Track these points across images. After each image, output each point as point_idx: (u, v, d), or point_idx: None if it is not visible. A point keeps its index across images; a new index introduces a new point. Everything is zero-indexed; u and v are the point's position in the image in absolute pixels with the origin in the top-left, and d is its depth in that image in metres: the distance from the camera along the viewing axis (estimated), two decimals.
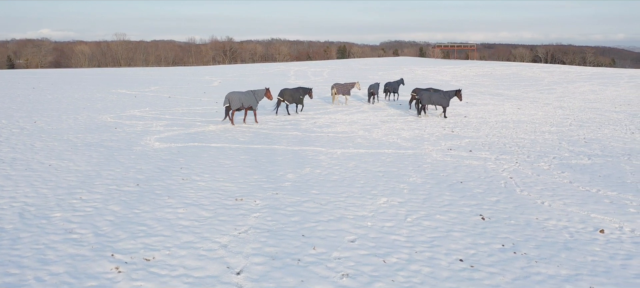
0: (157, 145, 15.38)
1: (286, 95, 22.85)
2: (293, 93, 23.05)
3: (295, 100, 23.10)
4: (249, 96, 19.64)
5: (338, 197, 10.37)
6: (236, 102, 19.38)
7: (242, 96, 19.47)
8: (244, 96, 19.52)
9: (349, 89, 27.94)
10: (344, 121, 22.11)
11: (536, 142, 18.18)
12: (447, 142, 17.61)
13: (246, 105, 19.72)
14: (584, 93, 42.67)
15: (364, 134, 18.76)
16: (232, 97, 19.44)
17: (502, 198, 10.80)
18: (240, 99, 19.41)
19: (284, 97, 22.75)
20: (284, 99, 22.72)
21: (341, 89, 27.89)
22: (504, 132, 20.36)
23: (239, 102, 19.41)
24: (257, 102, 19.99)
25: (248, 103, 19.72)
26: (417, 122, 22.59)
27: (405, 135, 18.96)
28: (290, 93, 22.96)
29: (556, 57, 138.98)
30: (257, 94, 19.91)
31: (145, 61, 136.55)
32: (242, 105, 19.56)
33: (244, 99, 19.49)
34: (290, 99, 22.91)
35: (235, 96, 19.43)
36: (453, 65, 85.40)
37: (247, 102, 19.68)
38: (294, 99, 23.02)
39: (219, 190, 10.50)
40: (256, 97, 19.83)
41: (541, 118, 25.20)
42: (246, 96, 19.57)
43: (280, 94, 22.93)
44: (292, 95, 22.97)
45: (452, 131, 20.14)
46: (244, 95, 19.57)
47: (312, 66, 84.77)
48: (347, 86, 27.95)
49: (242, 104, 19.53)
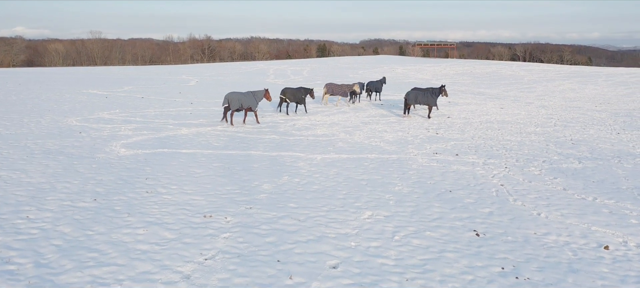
0: (123, 152, 14.20)
1: (288, 94, 22.69)
2: (295, 92, 22.87)
3: (297, 100, 22.94)
4: (249, 97, 19.35)
5: (318, 211, 9.44)
6: (235, 102, 19.06)
7: (241, 97, 19.17)
8: (244, 97, 19.22)
9: (346, 91, 26.60)
10: (324, 123, 21.18)
11: (523, 144, 17.54)
12: (432, 145, 16.84)
13: (245, 106, 19.39)
14: (563, 91, 42.86)
15: (345, 137, 17.87)
16: (232, 97, 19.10)
17: (495, 210, 10.01)
18: (239, 99, 19.11)
19: (286, 96, 22.61)
20: (285, 97, 22.60)
21: (335, 90, 26.54)
22: (489, 133, 19.71)
23: (238, 103, 19.11)
24: (257, 103, 19.65)
25: (247, 103, 19.39)
26: (400, 123, 21.81)
27: (388, 137, 18.13)
28: (292, 92, 22.80)
29: (534, 56, 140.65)
30: (257, 95, 19.59)
31: (121, 60, 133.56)
32: (242, 106, 19.28)
33: (243, 99, 19.19)
34: (292, 97, 22.74)
35: (235, 96, 19.10)
36: (433, 64, 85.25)
37: (247, 103, 19.35)
38: (296, 98, 22.87)
39: (186, 205, 9.46)
40: (256, 97, 19.52)
41: (525, 118, 24.70)
42: (246, 97, 19.27)
43: (282, 92, 22.82)
44: (294, 95, 22.80)
45: (437, 133, 19.41)
46: (243, 95, 19.26)
47: (292, 65, 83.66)
48: (342, 88, 26.62)
49: (242, 104, 19.24)
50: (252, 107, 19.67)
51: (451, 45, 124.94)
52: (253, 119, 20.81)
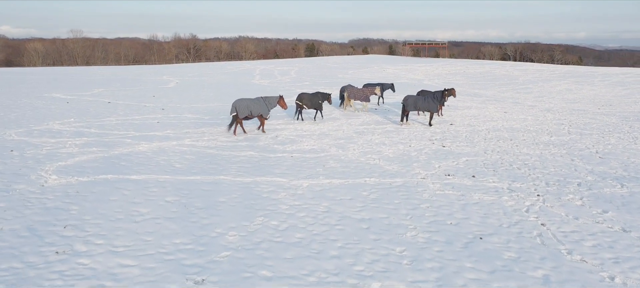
0: (52, 180, 11.09)
1: (304, 99, 21.12)
2: (311, 98, 21.26)
3: (314, 106, 21.25)
4: (259, 103, 17.72)
5: (302, 283, 6.50)
6: (244, 110, 17.37)
7: (250, 103, 17.49)
8: (253, 103, 17.56)
9: (367, 95, 24.16)
10: (312, 134, 18.23)
11: (545, 160, 14.81)
12: (440, 163, 14.01)
13: (255, 114, 17.68)
14: (561, 92, 41.08)
15: (337, 153, 14.95)
16: (240, 104, 17.37)
17: (550, 271, 7.16)
18: (248, 106, 17.44)
19: (302, 101, 21.08)
20: (302, 103, 21.06)
21: (357, 94, 24.16)
22: (502, 145, 16.95)
23: (247, 110, 17.43)
24: (269, 110, 17.95)
25: (257, 111, 17.65)
26: (399, 132, 18.95)
27: (388, 152, 15.27)
28: (309, 97, 21.23)
29: (525, 55, 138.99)
30: (269, 101, 17.96)
31: (104, 59, 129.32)
32: (251, 114, 17.60)
33: (252, 106, 17.52)
34: (309, 103, 21.13)
35: (243, 104, 17.39)
36: (425, 64, 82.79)
37: (257, 110, 17.62)
38: (313, 104, 21.19)
39: (108, 278, 6.45)
40: (267, 104, 17.89)
41: (534, 124, 22.09)
42: (255, 103, 17.61)
43: (298, 98, 21.27)
44: (311, 100, 21.20)
45: (443, 146, 16.59)
46: (252, 102, 17.58)
47: (279, 65, 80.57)
48: (364, 91, 24.19)
49: (251, 111, 17.54)
50: (263, 114, 17.82)
51: (442, 45, 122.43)
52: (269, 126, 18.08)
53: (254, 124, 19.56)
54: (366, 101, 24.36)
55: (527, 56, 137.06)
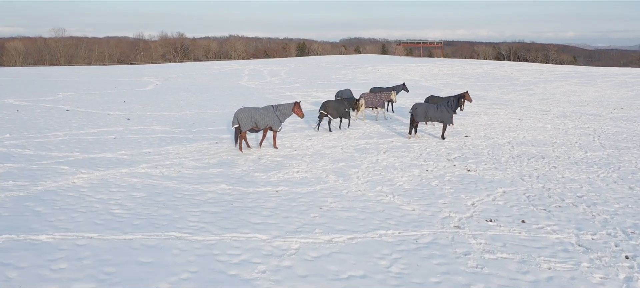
0: None
1: (329, 108, 18.61)
2: (337, 106, 18.82)
3: (340, 114, 18.84)
4: (268, 113, 14.79)
5: None
6: (247, 121, 14.45)
7: (256, 114, 14.59)
8: (260, 114, 14.65)
9: (384, 101, 21.57)
10: (304, 154, 14.71)
11: (600, 190, 11.60)
12: (473, 198, 10.64)
13: (262, 125, 14.76)
14: (565, 94, 38.79)
15: (337, 184, 11.46)
16: (242, 115, 14.47)
17: None
18: (253, 117, 14.53)
19: (327, 110, 18.58)
20: (327, 112, 18.58)
21: (373, 100, 21.50)
22: (537, 167, 13.73)
23: (252, 122, 14.53)
24: (281, 121, 14.98)
25: (265, 122, 14.72)
26: (408, 148, 15.53)
27: (401, 181, 11.85)
28: (334, 106, 18.75)
29: (519, 55, 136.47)
30: (280, 111, 14.94)
31: (87, 59, 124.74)
32: (257, 126, 14.69)
33: (259, 117, 14.60)
34: (335, 112, 18.66)
35: (246, 114, 14.50)
36: (420, 64, 79.66)
37: (264, 121, 14.69)
38: (339, 112, 18.76)
39: None
40: (278, 114, 14.90)
41: (558, 135, 19.07)
42: (263, 113, 14.70)
43: (322, 107, 18.67)
44: (337, 109, 18.72)
45: (468, 169, 13.21)
46: (259, 112, 14.65)
47: (269, 64, 76.95)
48: (380, 97, 21.58)
49: (256, 123, 14.60)
50: (272, 127, 14.89)
51: (437, 44, 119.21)
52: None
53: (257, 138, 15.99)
54: (382, 107, 21.60)
55: (521, 56, 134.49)
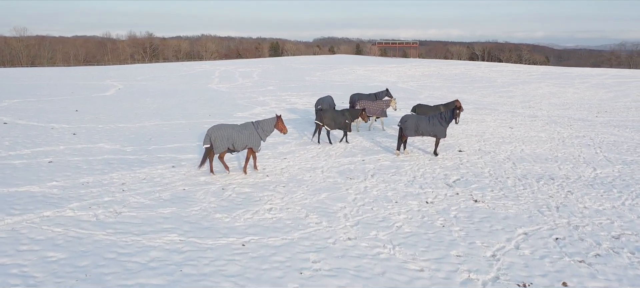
0: None
1: (326, 118, 16.83)
2: (335, 116, 16.99)
3: (339, 125, 16.97)
4: (247, 131, 12.35)
5: None
6: (221, 142, 11.99)
7: (233, 133, 12.12)
8: (239, 132, 12.19)
9: (384, 109, 19.92)
10: (277, 180, 12.45)
11: (635, 227, 9.78)
12: (488, 242, 8.69)
13: (241, 147, 12.31)
14: (544, 96, 38.33)
15: (320, 230, 9.26)
16: (216, 134, 11.98)
17: None
18: (230, 137, 12.08)
19: (324, 121, 16.80)
20: (323, 123, 16.80)
21: (371, 109, 19.85)
22: (551, 193, 12.04)
23: (228, 142, 12.11)
24: (262, 139, 12.68)
25: (244, 142, 12.31)
26: (399, 169, 13.46)
27: (398, 219, 9.78)
28: (331, 116, 16.95)
29: (493, 55, 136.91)
30: (262, 127, 12.66)
31: (51, 59, 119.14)
32: (233, 147, 12.22)
33: (237, 136, 12.14)
34: (332, 123, 16.87)
35: (221, 133, 11.98)
36: (396, 64, 78.15)
37: (242, 142, 12.26)
38: (337, 123, 16.93)
39: None
40: (260, 131, 12.59)
41: (556, 147, 17.77)
42: (242, 132, 12.24)
43: (318, 117, 16.98)
44: (334, 119, 16.93)
45: (474, 199, 11.22)
46: (237, 130, 12.18)
47: (242, 65, 74.12)
48: (379, 105, 19.93)
49: (233, 144, 12.18)
50: (253, 147, 12.58)
51: (412, 44, 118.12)
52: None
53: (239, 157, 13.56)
54: (384, 116, 19.92)
55: (495, 56, 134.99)
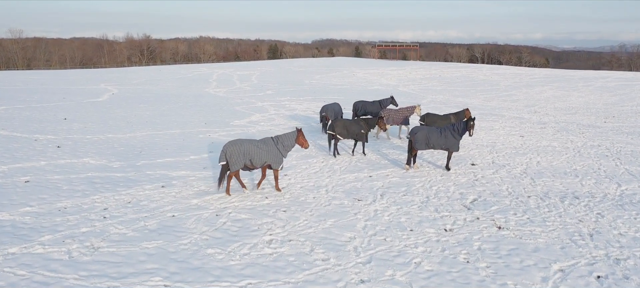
0: None
1: (338, 127, 15.80)
2: (348, 124, 15.88)
3: (352, 135, 15.86)
4: (267, 147, 11.32)
5: None
6: (238, 158, 11.01)
7: (251, 147, 11.11)
8: (257, 148, 11.17)
9: (407, 116, 19.08)
10: (278, 202, 11.22)
11: None
12: (522, 283, 7.49)
13: (259, 163, 11.26)
14: (549, 100, 37.47)
15: (328, 271, 8.06)
16: (232, 150, 10.98)
17: None
18: (248, 152, 11.07)
19: (336, 130, 15.76)
20: (335, 132, 15.75)
21: (393, 117, 18.98)
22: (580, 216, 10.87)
23: (245, 158, 11.09)
24: (283, 156, 11.56)
25: (263, 159, 11.24)
26: (411, 188, 12.26)
27: (417, 256, 8.59)
28: (344, 124, 15.86)
29: (493, 57, 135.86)
30: (282, 142, 11.56)
31: (47, 62, 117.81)
32: (252, 164, 11.23)
33: (255, 152, 11.13)
34: (344, 132, 15.79)
35: (238, 149, 11.01)
36: (397, 67, 77.13)
37: (261, 158, 11.21)
38: (350, 132, 15.82)
39: None
40: (280, 147, 11.50)
41: (573, 158, 16.73)
42: (261, 148, 11.20)
43: (330, 127, 15.90)
44: (347, 128, 15.83)
45: (498, 226, 10.04)
46: (256, 146, 11.17)
47: (240, 68, 72.92)
48: (401, 112, 19.07)
49: (251, 160, 11.15)
50: (272, 164, 11.43)
51: (413, 46, 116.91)
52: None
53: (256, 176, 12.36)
54: (406, 124, 19.06)
55: (495, 58, 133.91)
